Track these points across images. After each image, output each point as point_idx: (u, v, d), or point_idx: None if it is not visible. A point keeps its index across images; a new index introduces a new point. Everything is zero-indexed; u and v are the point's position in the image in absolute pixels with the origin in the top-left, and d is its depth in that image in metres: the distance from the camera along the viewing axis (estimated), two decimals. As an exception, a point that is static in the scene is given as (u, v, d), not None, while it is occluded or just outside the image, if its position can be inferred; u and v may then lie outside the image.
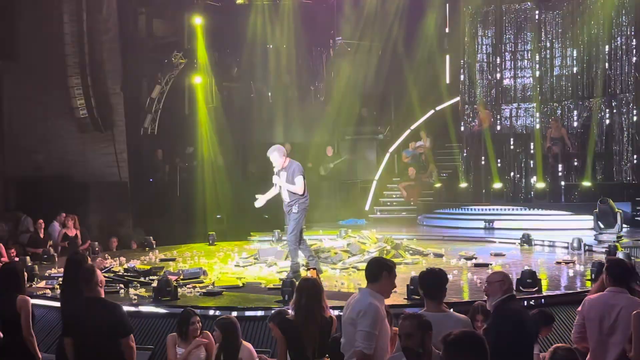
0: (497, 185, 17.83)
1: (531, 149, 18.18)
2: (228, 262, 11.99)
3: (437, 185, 19.29)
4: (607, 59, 17.16)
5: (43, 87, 18.35)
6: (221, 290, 9.20)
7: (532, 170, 17.95)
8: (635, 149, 16.76)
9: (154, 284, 9.14)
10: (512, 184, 18.27)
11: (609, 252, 10.78)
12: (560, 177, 17.35)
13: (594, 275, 9.12)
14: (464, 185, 18.63)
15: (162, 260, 12.32)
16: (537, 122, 18.18)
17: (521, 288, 8.43)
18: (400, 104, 21.04)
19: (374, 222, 18.10)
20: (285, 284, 8.45)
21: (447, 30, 20.48)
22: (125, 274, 10.37)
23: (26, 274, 7.14)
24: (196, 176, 18.99)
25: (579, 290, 8.89)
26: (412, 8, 19.74)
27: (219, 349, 6.14)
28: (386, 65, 20.32)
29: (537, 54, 18.20)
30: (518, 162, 18.37)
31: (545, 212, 16.51)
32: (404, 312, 4.75)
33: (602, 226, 13.86)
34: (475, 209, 17.35)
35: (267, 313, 7.14)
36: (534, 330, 5.45)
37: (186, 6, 19.50)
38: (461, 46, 19.12)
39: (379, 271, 5.02)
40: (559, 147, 17.35)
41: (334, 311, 6.21)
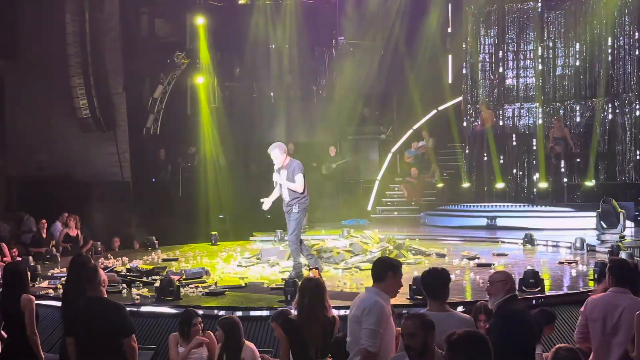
0: (500, 185, 17.81)
1: (534, 148, 18.15)
2: (230, 262, 11.99)
3: (440, 185, 19.27)
4: (610, 58, 17.13)
5: (45, 87, 18.40)
6: (224, 290, 9.20)
7: (534, 170, 17.92)
8: (638, 148, 16.72)
9: (157, 283, 9.15)
10: (514, 183, 18.24)
11: (612, 252, 10.77)
12: (562, 177, 17.31)
13: (596, 275, 9.10)
14: (466, 185, 18.61)
15: (164, 260, 12.34)
16: (540, 122, 18.13)
17: (524, 288, 8.42)
18: (402, 104, 21.03)
19: (377, 222, 18.06)
20: (287, 283, 8.45)
21: (449, 29, 20.46)
22: (128, 273, 10.38)
23: (29, 274, 7.16)
24: (198, 176, 18.98)
25: (581, 290, 8.87)
26: (415, 8, 19.74)
27: (222, 348, 6.14)
28: (388, 65, 20.31)
29: (539, 54, 18.16)
30: (520, 162, 18.34)
31: (548, 208, 16.50)
32: (407, 312, 4.75)
33: (604, 226, 13.83)
34: (477, 206, 17.33)
35: (271, 313, 7.13)
36: (536, 330, 5.45)
37: (188, 6, 19.48)
38: (464, 46, 19.09)
39: (384, 271, 5.04)
40: (562, 146, 17.31)
41: (336, 311, 6.21)
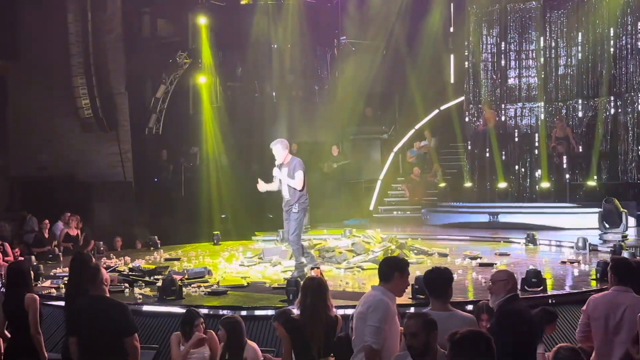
0: (502, 185, 17.80)
1: (536, 148, 18.13)
2: (233, 261, 11.99)
3: (442, 185, 19.26)
4: (612, 58, 17.10)
5: (48, 87, 18.42)
6: (226, 289, 9.21)
7: (537, 170, 17.90)
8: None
9: (159, 283, 9.17)
10: (516, 183, 18.22)
11: (614, 252, 10.76)
12: (565, 177, 17.30)
13: (599, 275, 9.10)
14: (468, 185, 18.60)
15: (166, 260, 12.35)
16: (542, 121, 18.12)
17: (526, 287, 8.41)
18: (404, 104, 21.01)
19: (379, 222, 18.05)
20: (290, 283, 8.45)
21: (451, 29, 20.45)
22: (130, 273, 10.39)
23: (32, 273, 7.17)
24: (201, 176, 18.97)
25: (583, 289, 8.86)
26: (417, 7, 19.72)
27: (224, 348, 6.14)
28: (390, 65, 20.29)
29: (541, 53, 18.14)
30: (523, 162, 18.32)
31: (551, 204, 16.50)
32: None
33: (607, 226, 13.82)
34: (479, 205, 17.36)
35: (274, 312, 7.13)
36: (537, 330, 5.43)
37: (190, 6, 19.49)
38: (466, 45, 19.08)
39: (390, 271, 5.03)
40: (564, 146, 17.30)
41: (338, 310, 6.21)
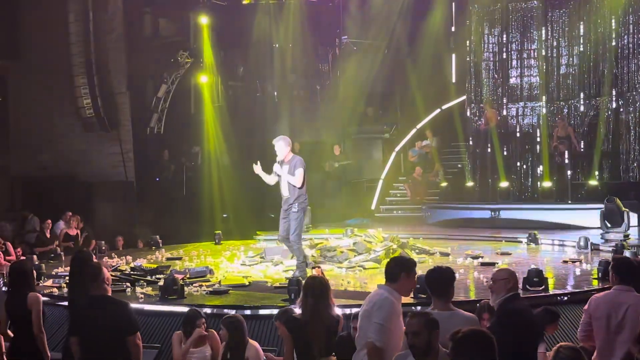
0: (504, 184, 17.79)
1: (537, 147, 18.11)
2: (234, 260, 11.99)
3: (443, 185, 19.25)
4: (614, 57, 17.08)
5: (49, 86, 18.43)
6: (227, 289, 9.21)
7: (538, 169, 17.89)
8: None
9: (161, 282, 9.17)
10: (518, 182, 18.21)
11: (616, 251, 10.75)
12: (567, 176, 17.28)
13: (600, 274, 9.09)
14: (470, 185, 18.59)
15: (168, 259, 12.36)
16: (544, 120, 18.10)
17: (528, 287, 8.40)
18: (406, 103, 20.99)
19: (380, 221, 18.05)
20: (291, 282, 8.45)
21: (453, 28, 20.42)
22: (132, 272, 10.39)
23: (34, 273, 7.17)
24: (202, 175, 18.98)
25: (585, 289, 8.85)
26: (418, 6, 19.70)
27: (226, 347, 6.15)
28: (392, 64, 20.29)
29: (543, 53, 18.12)
30: (524, 161, 18.31)
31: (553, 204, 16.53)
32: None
33: (608, 225, 13.81)
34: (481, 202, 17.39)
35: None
36: (538, 329, 5.42)
37: (192, 5, 19.50)
38: (467, 44, 19.06)
39: (397, 271, 5.02)
40: (566, 145, 17.28)
41: (340, 310, 6.20)
